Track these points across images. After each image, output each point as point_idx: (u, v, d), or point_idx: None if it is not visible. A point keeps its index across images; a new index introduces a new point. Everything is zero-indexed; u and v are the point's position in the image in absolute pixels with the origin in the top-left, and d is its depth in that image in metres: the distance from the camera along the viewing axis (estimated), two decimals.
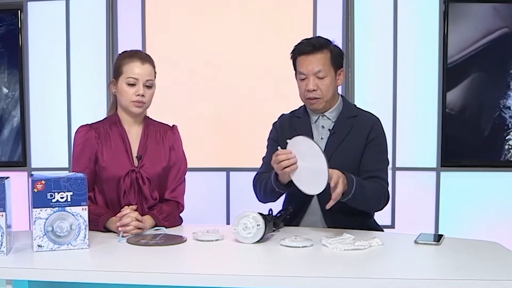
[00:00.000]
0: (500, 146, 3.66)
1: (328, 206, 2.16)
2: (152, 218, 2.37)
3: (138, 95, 2.39)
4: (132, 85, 2.39)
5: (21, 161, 3.87)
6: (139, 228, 2.24)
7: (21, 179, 3.52)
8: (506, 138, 3.66)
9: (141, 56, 2.44)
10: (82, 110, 3.80)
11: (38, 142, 3.90)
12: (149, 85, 2.42)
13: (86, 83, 3.82)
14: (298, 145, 2.19)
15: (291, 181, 2.23)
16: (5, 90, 3.88)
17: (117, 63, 2.45)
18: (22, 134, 3.87)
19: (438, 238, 2.16)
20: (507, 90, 3.64)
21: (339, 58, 2.48)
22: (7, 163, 3.88)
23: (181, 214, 2.56)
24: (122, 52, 2.52)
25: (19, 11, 3.83)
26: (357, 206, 2.35)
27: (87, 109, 3.79)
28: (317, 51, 2.41)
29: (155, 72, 2.47)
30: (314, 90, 2.41)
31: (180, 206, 2.52)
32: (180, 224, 2.52)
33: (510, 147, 3.65)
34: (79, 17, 3.84)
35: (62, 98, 3.87)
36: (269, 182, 2.36)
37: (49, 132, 3.89)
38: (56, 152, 3.83)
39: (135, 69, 2.39)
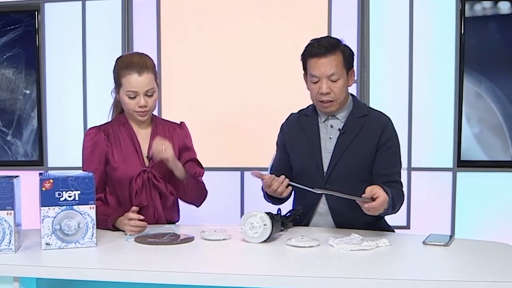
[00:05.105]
0: None
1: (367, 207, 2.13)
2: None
3: (140, 106, 2.39)
4: (133, 97, 2.39)
5: (38, 160, 3.92)
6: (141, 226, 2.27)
7: (37, 179, 3.56)
8: None
9: (138, 65, 2.37)
10: (98, 110, 3.83)
11: (55, 142, 3.95)
12: (150, 94, 2.41)
13: (102, 83, 3.84)
14: None
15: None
16: (25, 91, 3.95)
17: (116, 71, 2.43)
18: (39, 133, 3.93)
19: (447, 239, 2.13)
20: None
21: (351, 59, 2.44)
22: (24, 162, 3.94)
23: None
24: (119, 58, 2.49)
25: (36, 12, 3.88)
26: (385, 215, 2.35)
27: (103, 109, 3.80)
28: (329, 54, 2.36)
29: (156, 75, 2.44)
30: (327, 93, 2.38)
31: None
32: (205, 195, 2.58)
33: None
34: (95, 18, 3.88)
35: (78, 98, 3.91)
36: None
37: (66, 132, 3.93)
38: (72, 152, 3.84)
39: (133, 82, 2.36)
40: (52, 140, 3.94)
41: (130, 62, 2.39)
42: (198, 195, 2.53)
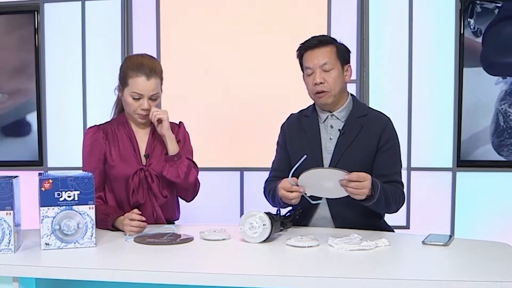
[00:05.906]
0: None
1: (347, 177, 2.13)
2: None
3: (142, 109, 2.40)
4: (137, 99, 2.39)
5: (37, 161, 3.92)
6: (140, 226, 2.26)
7: (37, 179, 3.56)
8: None
9: (147, 69, 2.37)
10: (98, 110, 3.83)
11: (55, 142, 3.95)
12: (154, 98, 2.41)
13: (102, 83, 3.85)
14: (307, 180, 2.20)
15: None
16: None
17: (124, 71, 2.42)
18: (38, 133, 3.93)
19: (447, 239, 2.13)
20: None
21: (345, 54, 2.47)
22: (24, 162, 3.94)
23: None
24: (129, 58, 2.49)
25: (35, 12, 3.88)
26: (379, 210, 2.36)
27: (103, 109, 3.80)
28: (322, 45, 2.41)
29: (162, 80, 2.45)
30: (321, 83, 2.39)
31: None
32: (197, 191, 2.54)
33: None
34: (94, 18, 3.88)
35: (78, 98, 3.91)
36: (276, 196, 2.37)
37: (65, 132, 3.94)
38: (72, 152, 3.85)
39: (140, 85, 2.37)
40: (51, 140, 3.95)
41: (140, 64, 2.39)
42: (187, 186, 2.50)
